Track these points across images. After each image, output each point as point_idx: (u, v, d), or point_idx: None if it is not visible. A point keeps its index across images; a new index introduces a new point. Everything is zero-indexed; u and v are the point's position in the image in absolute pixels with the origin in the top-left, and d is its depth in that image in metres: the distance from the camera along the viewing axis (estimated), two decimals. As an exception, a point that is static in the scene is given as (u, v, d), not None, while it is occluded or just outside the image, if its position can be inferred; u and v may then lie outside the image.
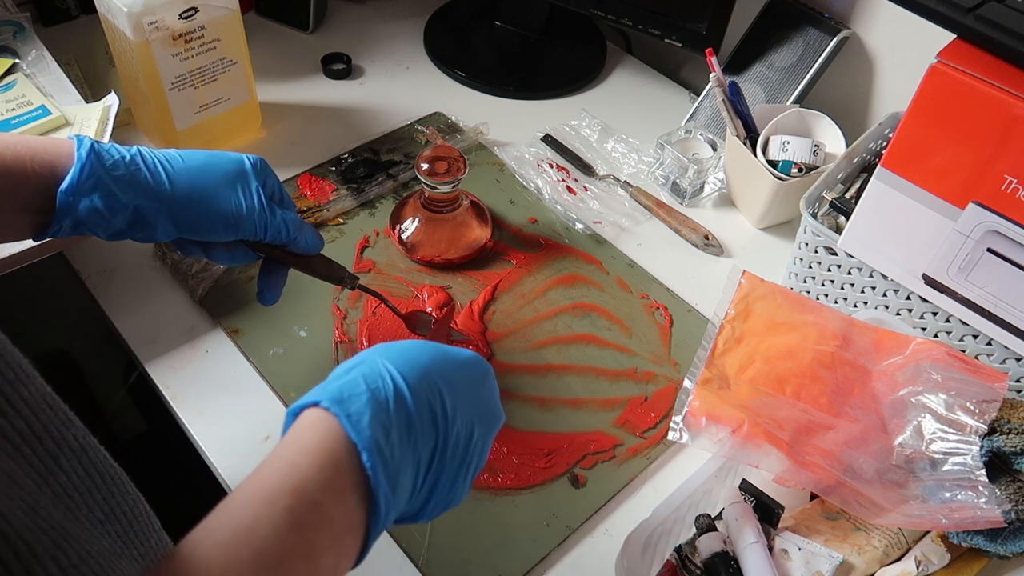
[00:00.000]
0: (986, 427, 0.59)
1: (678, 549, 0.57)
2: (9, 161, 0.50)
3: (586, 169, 0.95)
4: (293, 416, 0.41)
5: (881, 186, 0.67)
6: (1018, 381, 0.70)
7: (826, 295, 0.78)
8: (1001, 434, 0.59)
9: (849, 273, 0.75)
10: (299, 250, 0.63)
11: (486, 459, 0.47)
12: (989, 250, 0.63)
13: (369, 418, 0.39)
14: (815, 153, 0.84)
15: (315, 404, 0.40)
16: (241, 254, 0.61)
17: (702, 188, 0.93)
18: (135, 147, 0.55)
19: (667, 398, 0.73)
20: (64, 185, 0.51)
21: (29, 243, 0.69)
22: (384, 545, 0.63)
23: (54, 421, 0.36)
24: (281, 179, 0.87)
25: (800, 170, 0.83)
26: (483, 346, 0.75)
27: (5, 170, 0.50)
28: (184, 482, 0.98)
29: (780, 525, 0.59)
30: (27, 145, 0.51)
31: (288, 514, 0.36)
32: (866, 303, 0.76)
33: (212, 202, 0.56)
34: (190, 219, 0.56)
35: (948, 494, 0.56)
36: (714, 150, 0.92)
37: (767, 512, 0.58)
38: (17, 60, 0.85)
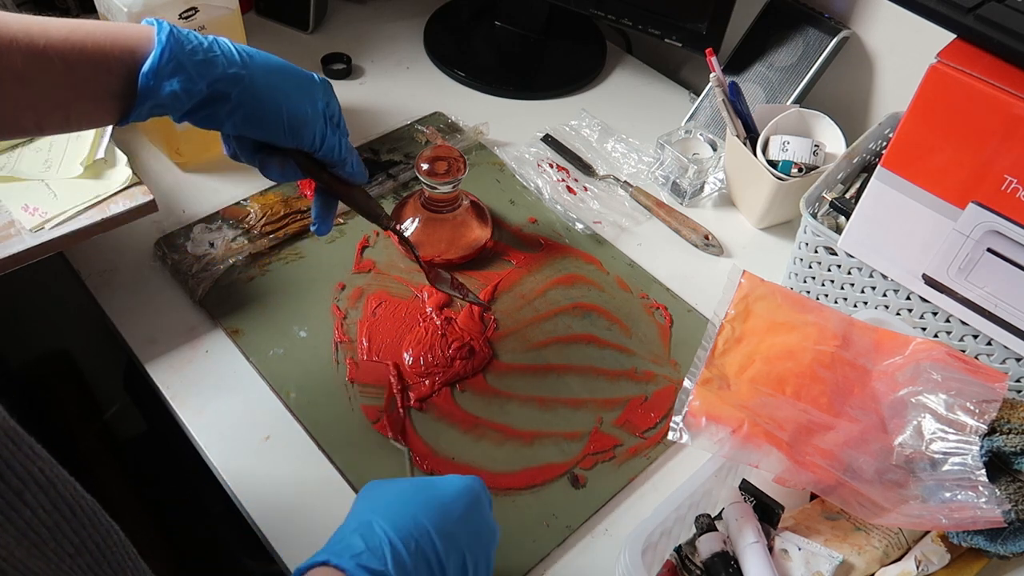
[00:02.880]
0: (986, 427, 0.59)
1: (678, 549, 0.57)
2: (90, 48, 0.51)
3: (586, 169, 0.95)
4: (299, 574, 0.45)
5: (881, 186, 0.67)
6: (1018, 381, 0.70)
7: (826, 295, 0.78)
8: (1001, 434, 0.59)
9: (849, 273, 0.75)
10: (345, 175, 0.64)
11: (491, 571, 0.52)
12: (989, 250, 0.63)
13: (376, 567, 0.44)
14: (815, 153, 0.84)
15: (324, 563, 0.44)
16: (291, 171, 0.62)
17: (702, 188, 0.93)
18: (212, 36, 0.56)
19: (667, 398, 0.73)
20: (145, 68, 0.52)
21: (29, 243, 0.69)
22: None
23: (17, 455, 0.36)
24: (281, 179, 0.88)
25: (800, 170, 0.83)
26: (484, 346, 0.75)
27: (86, 57, 0.51)
28: (184, 482, 0.98)
29: (780, 525, 0.59)
30: (106, 32, 0.52)
31: None
32: (866, 303, 0.76)
33: (280, 100, 0.57)
34: (257, 112, 0.57)
35: (948, 494, 0.56)
36: (714, 150, 0.92)
37: (767, 512, 0.58)
38: (17, 60, 0.85)
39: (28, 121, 0.52)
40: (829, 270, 0.77)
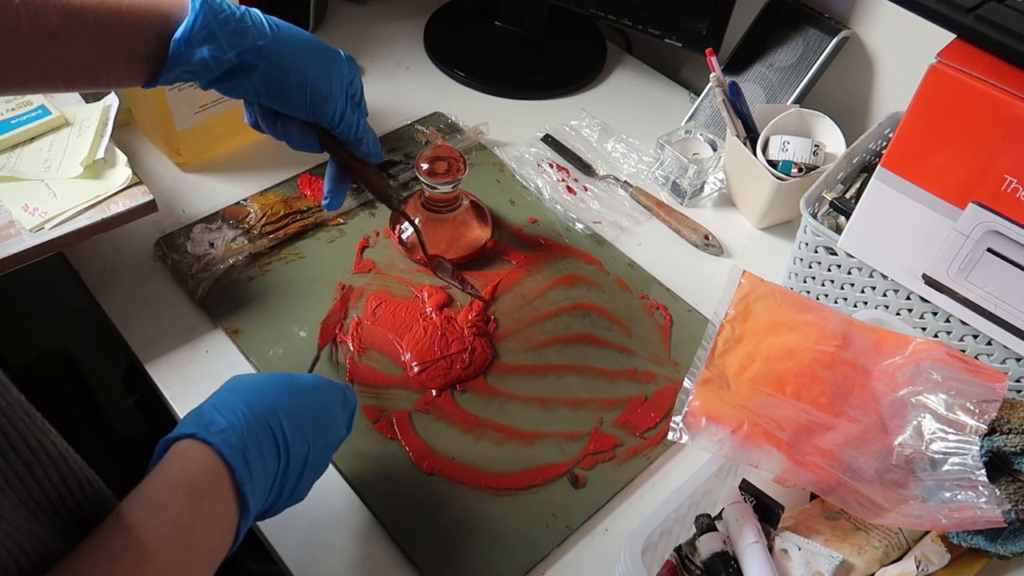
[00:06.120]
0: (986, 427, 0.59)
1: (678, 549, 0.57)
2: (125, 11, 0.53)
3: (586, 169, 0.95)
4: (164, 447, 0.46)
5: (881, 186, 0.67)
6: (1018, 381, 0.70)
7: (826, 295, 0.78)
8: (1001, 434, 0.59)
9: (849, 273, 0.75)
10: (360, 154, 0.65)
11: (326, 466, 0.55)
12: (989, 250, 0.63)
13: (234, 442, 0.47)
14: (815, 153, 0.84)
15: (191, 435, 0.46)
16: (310, 142, 0.63)
17: (702, 188, 0.93)
18: (245, 7, 0.58)
19: (667, 398, 0.73)
20: (177, 34, 0.54)
21: (29, 243, 0.69)
22: (384, 545, 0.63)
23: (32, 429, 0.37)
24: (281, 179, 0.88)
25: (800, 170, 0.83)
26: (486, 346, 0.75)
27: (121, 20, 0.53)
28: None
29: (780, 525, 0.59)
30: None
31: (188, 498, 0.43)
32: (866, 303, 0.76)
33: (305, 74, 0.59)
34: (281, 85, 0.58)
35: (948, 494, 0.56)
36: (714, 150, 0.92)
37: (767, 512, 0.58)
38: (17, 60, 0.85)
39: (58, 78, 0.54)
40: (829, 270, 0.77)
